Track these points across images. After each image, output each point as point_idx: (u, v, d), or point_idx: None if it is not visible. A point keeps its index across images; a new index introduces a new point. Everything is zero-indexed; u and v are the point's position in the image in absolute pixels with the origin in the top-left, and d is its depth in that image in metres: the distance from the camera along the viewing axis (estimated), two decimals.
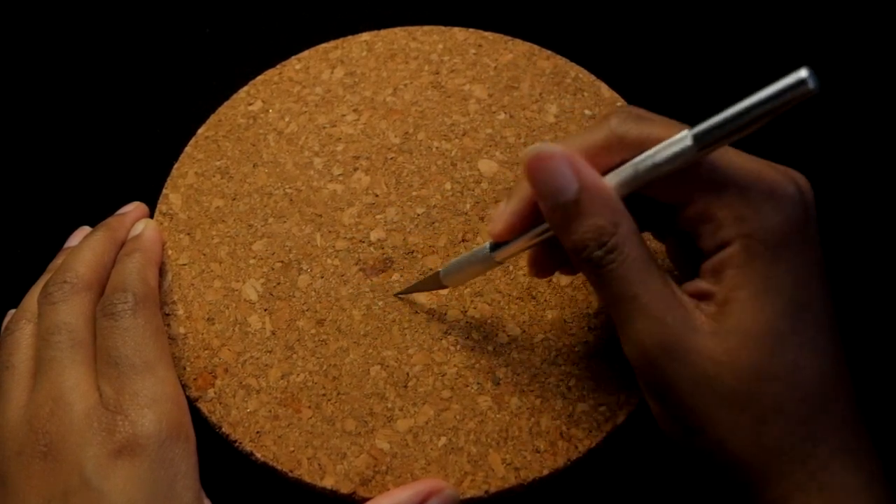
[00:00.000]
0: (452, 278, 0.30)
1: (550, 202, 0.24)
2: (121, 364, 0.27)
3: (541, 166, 0.24)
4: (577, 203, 0.24)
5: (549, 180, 0.24)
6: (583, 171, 0.24)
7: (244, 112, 0.37)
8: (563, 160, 0.24)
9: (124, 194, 0.35)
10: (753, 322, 0.23)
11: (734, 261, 0.23)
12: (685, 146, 0.22)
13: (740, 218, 0.23)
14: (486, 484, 0.28)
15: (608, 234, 0.23)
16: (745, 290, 0.23)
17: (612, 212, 0.24)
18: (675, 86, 0.40)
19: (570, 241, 0.24)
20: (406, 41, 0.39)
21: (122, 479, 0.25)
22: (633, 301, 0.24)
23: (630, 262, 0.23)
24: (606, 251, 0.24)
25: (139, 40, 0.43)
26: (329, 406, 0.30)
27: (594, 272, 0.24)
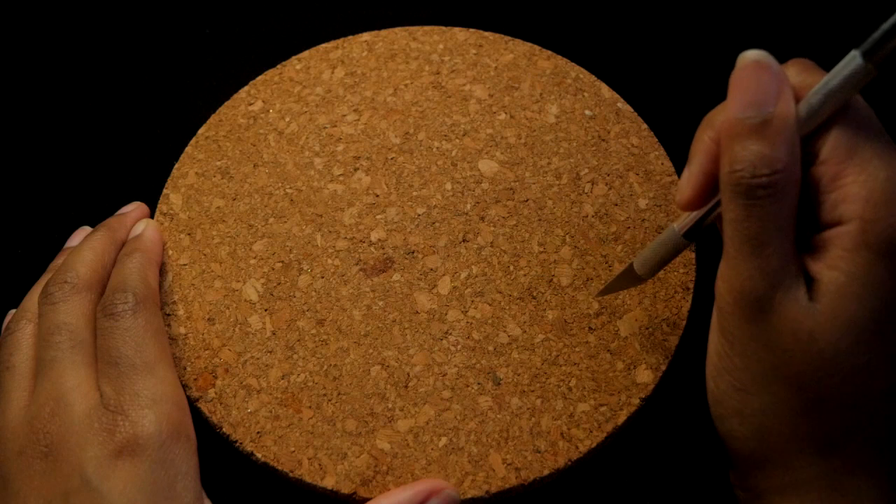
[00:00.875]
0: (647, 267, 0.28)
1: (742, 112, 0.22)
2: (121, 364, 0.27)
3: (753, 74, 0.22)
4: (763, 125, 0.22)
5: (754, 90, 0.22)
6: (786, 98, 0.22)
7: (245, 112, 0.37)
8: (777, 79, 0.22)
9: (124, 194, 0.35)
10: (842, 312, 0.22)
11: (845, 242, 0.22)
12: (856, 64, 0.21)
13: (869, 200, 0.21)
14: (487, 484, 0.28)
15: (771, 169, 0.22)
16: (846, 276, 0.22)
17: (788, 151, 0.22)
18: (675, 86, 0.40)
19: (733, 156, 0.22)
20: (406, 41, 0.39)
21: (123, 480, 0.25)
22: (760, 246, 0.22)
23: (777, 208, 0.22)
24: (761, 184, 0.22)
25: (139, 40, 0.43)
26: (330, 406, 0.30)
27: (737, 199, 0.22)
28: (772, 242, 0.22)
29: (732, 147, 0.23)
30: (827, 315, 0.22)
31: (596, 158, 0.35)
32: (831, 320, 0.22)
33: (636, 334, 0.30)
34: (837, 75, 0.22)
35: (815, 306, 0.22)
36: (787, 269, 0.22)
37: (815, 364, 0.22)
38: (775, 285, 0.22)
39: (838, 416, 0.23)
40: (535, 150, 0.35)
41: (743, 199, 0.22)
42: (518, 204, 0.34)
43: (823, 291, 0.22)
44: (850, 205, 0.22)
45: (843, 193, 0.22)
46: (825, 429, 0.23)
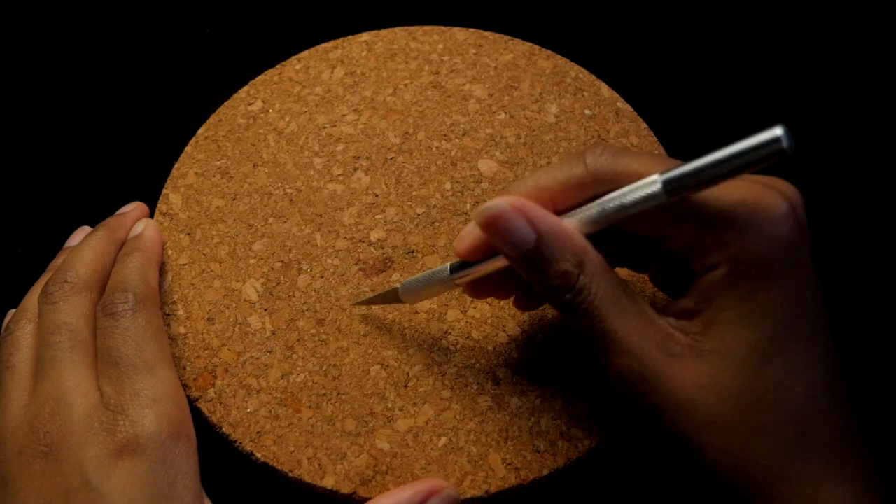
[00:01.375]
0: (410, 295, 0.29)
1: (512, 256, 0.24)
2: (121, 364, 0.27)
3: (495, 225, 0.23)
4: (538, 251, 0.23)
5: (506, 236, 0.23)
6: (537, 218, 0.23)
7: (244, 112, 0.37)
8: (515, 213, 0.23)
9: (124, 194, 0.35)
10: (737, 343, 0.23)
11: (721, 282, 0.23)
12: (654, 191, 0.22)
13: (725, 243, 0.22)
14: (487, 484, 0.28)
15: (574, 277, 0.23)
16: (732, 311, 0.23)
17: (574, 253, 0.23)
18: (674, 86, 0.40)
19: (541, 288, 0.24)
20: (406, 41, 0.39)
21: (123, 480, 0.25)
22: (607, 337, 0.24)
23: (599, 299, 0.23)
24: (575, 293, 0.23)
25: (139, 40, 0.43)
26: (329, 406, 0.30)
27: (567, 314, 0.24)
28: (616, 328, 0.23)
29: (534, 282, 0.24)
30: (722, 352, 0.23)
31: None
32: (728, 355, 0.23)
33: None
34: (633, 193, 0.23)
35: (704, 349, 0.23)
36: (648, 337, 0.23)
37: (730, 401, 0.23)
38: (647, 357, 0.23)
39: (779, 439, 0.23)
40: (535, 150, 0.35)
41: (570, 312, 0.24)
42: None
43: (716, 332, 0.23)
44: (713, 254, 0.23)
45: (703, 248, 0.23)
46: (773, 456, 0.23)
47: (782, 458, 0.23)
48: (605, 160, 0.24)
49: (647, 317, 0.24)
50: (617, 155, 0.24)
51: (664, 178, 0.22)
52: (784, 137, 0.20)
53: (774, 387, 0.23)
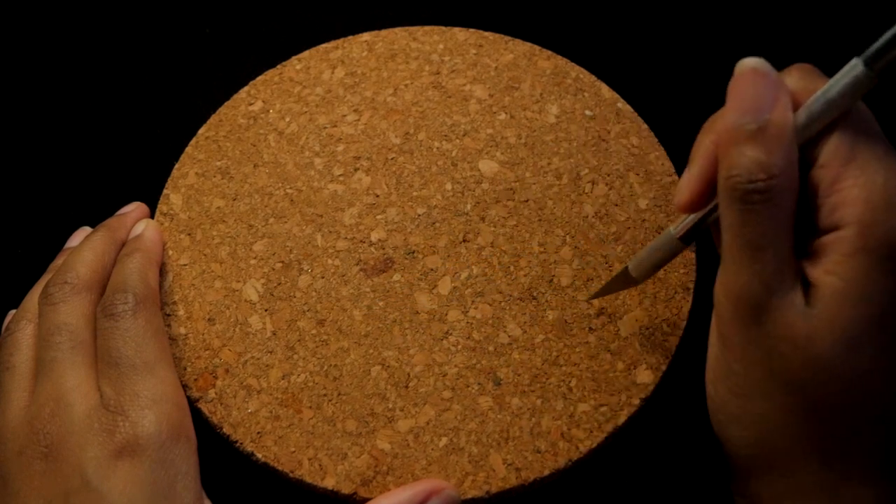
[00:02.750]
0: (642, 269, 0.28)
1: (738, 118, 0.22)
2: (121, 364, 0.27)
3: (750, 81, 0.23)
4: (759, 131, 0.22)
5: (751, 97, 0.22)
6: (782, 105, 0.22)
7: (245, 112, 0.37)
8: (774, 87, 0.22)
9: (125, 194, 0.35)
10: (842, 318, 0.22)
11: (842, 246, 0.22)
12: (857, 72, 0.21)
13: (868, 203, 0.21)
14: (487, 484, 0.28)
15: (767, 174, 0.22)
16: (843, 282, 0.22)
17: (784, 157, 0.22)
18: (674, 86, 0.40)
19: (729, 162, 0.23)
20: (406, 41, 0.39)
21: (123, 480, 0.25)
22: (756, 251, 0.22)
23: (774, 213, 0.22)
24: (757, 190, 0.22)
25: (139, 40, 0.43)
26: (330, 406, 0.30)
27: (734, 205, 0.23)
28: (769, 248, 0.22)
29: (729, 153, 0.23)
30: (824, 320, 0.22)
31: (596, 158, 0.35)
32: (828, 325, 0.22)
33: (636, 334, 0.30)
34: (838, 83, 0.22)
35: (811, 311, 0.22)
36: (784, 274, 0.22)
37: (813, 369, 0.22)
38: (772, 290, 0.22)
39: (838, 423, 0.23)
40: (536, 151, 0.35)
41: (739, 204, 0.22)
42: (518, 204, 0.34)
43: (821, 297, 0.22)
44: (849, 209, 0.22)
45: (842, 197, 0.22)
46: (825, 435, 0.23)
47: (829, 440, 0.23)
48: (806, 82, 0.23)
49: (792, 256, 0.23)
50: (817, 77, 0.23)
51: (864, 56, 0.21)
52: None
53: (858, 375, 0.22)
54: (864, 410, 0.22)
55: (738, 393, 0.24)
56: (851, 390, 0.22)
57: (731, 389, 0.24)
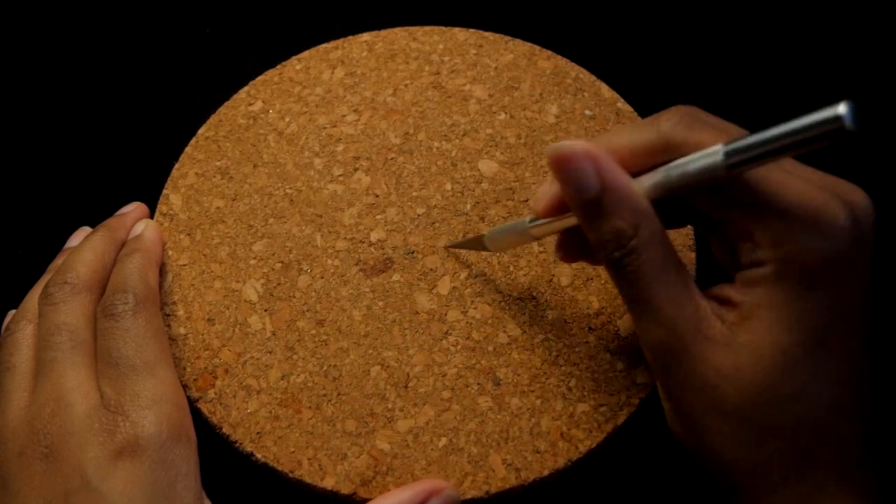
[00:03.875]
0: (494, 242, 0.31)
1: (573, 199, 0.24)
2: (121, 365, 0.27)
3: (564, 163, 0.23)
4: (598, 203, 0.23)
5: (572, 178, 0.23)
6: (606, 171, 0.23)
7: (244, 112, 0.37)
8: (587, 159, 0.23)
9: (124, 194, 0.35)
10: (768, 342, 0.22)
11: (765, 280, 0.23)
12: (715, 161, 0.22)
13: (777, 242, 0.22)
14: (487, 484, 0.28)
15: (627, 238, 0.23)
16: (769, 310, 0.22)
17: (634, 214, 0.23)
18: (675, 86, 0.40)
19: (592, 238, 0.24)
20: (406, 41, 0.39)
21: (123, 480, 0.25)
22: (646, 303, 0.24)
23: (647, 265, 0.23)
24: (624, 253, 0.23)
25: (139, 40, 0.43)
26: (329, 406, 0.30)
27: (613, 271, 0.24)
28: (655, 296, 0.23)
29: (587, 230, 0.24)
30: (751, 348, 0.23)
31: None
32: (756, 352, 0.23)
33: (636, 334, 0.30)
34: (697, 162, 0.22)
35: (736, 339, 0.23)
36: (684, 314, 0.23)
37: (748, 395, 0.23)
38: (678, 333, 0.23)
39: (790, 442, 0.23)
40: (536, 151, 0.35)
41: (616, 270, 0.24)
42: (518, 204, 0.34)
43: (750, 326, 0.23)
44: (763, 250, 0.23)
45: (754, 243, 0.23)
46: (781, 455, 0.23)
47: (790, 460, 0.23)
48: (679, 129, 0.23)
49: (689, 294, 0.24)
50: (691, 125, 0.23)
51: (726, 149, 0.22)
52: (846, 116, 0.19)
53: (795, 393, 0.22)
54: (812, 426, 0.23)
55: (692, 431, 0.24)
56: (792, 410, 0.23)
57: (684, 429, 0.25)
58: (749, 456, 0.23)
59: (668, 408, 0.26)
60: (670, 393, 0.25)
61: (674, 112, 0.24)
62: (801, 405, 0.23)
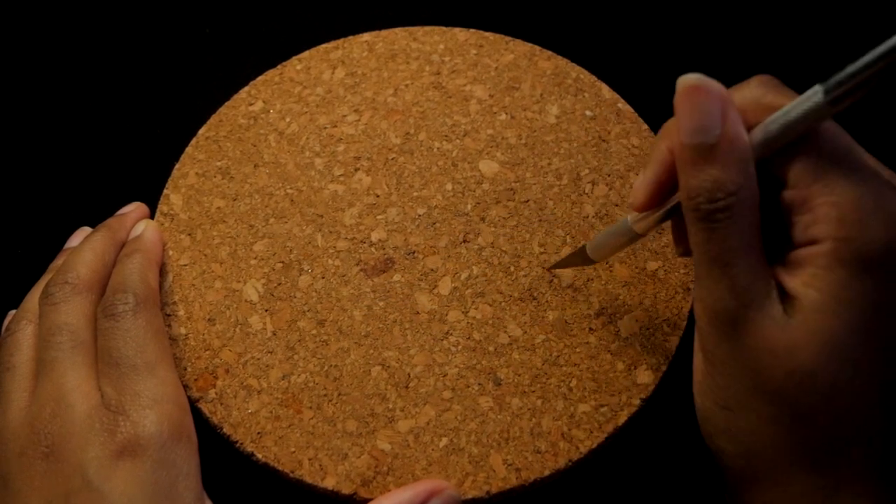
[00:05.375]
0: (599, 252, 0.30)
1: (688, 138, 0.23)
2: (122, 365, 0.27)
3: (693, 98, 0.23)
4: (712, 148, 0.22)
5: (696, 115, 0.22)
6: (731, 119, 0.22)
7: (245, 112, 0.37)
8: (718, 100, 0.22)
9: (125, 194, 0.35)
10: (821, 328, 0.22)
11: (819, 260, 0.22)
12: (817, 101, 0.21)
13: (840, 219, 0.22)
14: (488, 485, 0.28)
15: (726, 192, 0.22)
16: (822, 293, 0.22)
17: (741, 172, 0.22)
18: (674, 86, 0.40)
19: (689, 184, 0.23)
20: (407, 41, 0.39)
21: (124, 480, 0.25)
22: (725, 266, 0.23)
23: (738, 227, 0.22)
24: (719, 208, 0.22)
25: (139, 40, 0.43)
26: (330, 407, 0.30)
27: (700, 223, 0.23)
28: (737, 262, 0.23)
29: (686, 174, 0.23)
30: (804, 331, 0.22)
31: (596, 159, 0.35)
32: (808, 336, 0.22)
33: (637, 335, 0.30)
34: (797, 108, 0.22)
35: (790, 322, 0.22)
36: (756, 286, 0.23)
37: (795, 380, 0.22)
38: (746, 303, 0.23)
39: (825, 432, 0.23)
40: (536, 151, 0.35)
41: (703, 223, 0.23)
42: (518, 204, 0.34)
43: (800, 308, 0.22)
44: (823, 226, 0.22)
45: (815, 216, 0.22)
46: (812, 445, 0.23)
47: (817, 451, 0.23)
48: (768, 91, 0.23)
49: (765, 268, 0.23)
50: (776, 88, 0.23)
51: (826, 85, 0.21)
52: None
53: (840, 384, 0.22)
54: (849, 419, 0.23)
55: (724, 405, 0.24)
56: (835, 399, 0.22)
57: (717, 402, 0.24)
58: (780, 440, 0.23)
59: (703, 379, 0.25)
60: (714, 363, 0.24)
61: (758, 79, 0.24)
62: (844, 397, 0.22)
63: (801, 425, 0.23)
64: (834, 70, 0.22)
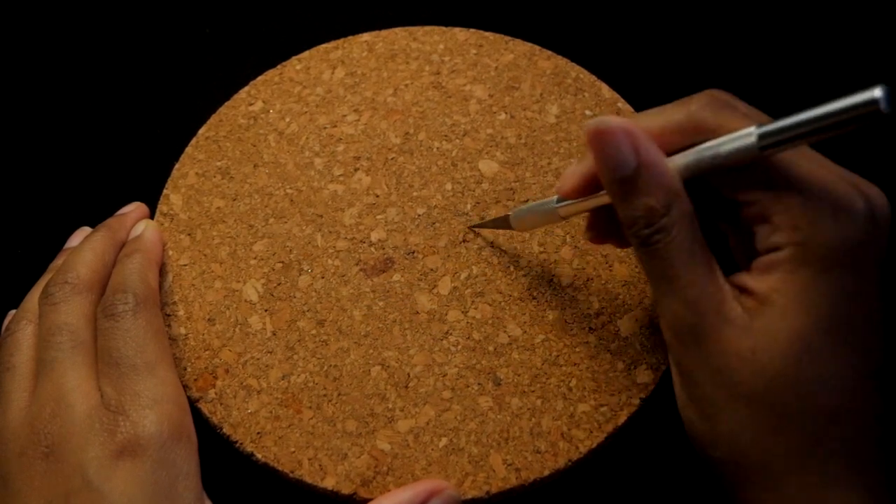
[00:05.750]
0: (520, 222, 0.31)
1: (608, 175, 0.24)
2: (122, 365, 0.27)
3: (601, 138, 0.24)
4: (633, 179, 0.23)
5: (609, 153, 0.24)
6: (643, 148, 0.23)
7: (245, 112, 0.37)
8: (624, 136, 0.23)
9: (125, 195, 0.35)
10: (785, 327, 0.22)
11: (782, 266, 0.23)
12: (748, 143, 0.22)
13: (796, 227, 0.22)
14: (487, 485, 0.28)
15: (658, 215, 0.23)
16: (786, 295, 0.23)
17: (666, 193, 0.23)
18: (675, 86, 0.40)
19: (623, 214, 0.24)
20: (407, 41, 0.39)
21: (124, 480, 0.25)
22: (672, 281, 0.24)
23: (676, 244, 0.23)
24: (654, 231, 0.24)
25: (139, 40, 0.43)
26: (330, 407, 0.30)
27: (641, 248, 0.24)
28: (681, 275, 0.24)
29: (618, 207, 0.24)
30: (768, 332, 0.23)
31: None
32: (773, 336, 0.23)
33: (636, 334, 0.30)
34: (729, 144, 0.23)
35: (753, 325, 0.23)
36: (707, 294, 0.23)
37: (764, 380, 0.23)
38: (702, 312, 0.23)
39: (804, 430, 0.23)
40: (536, 151, 0.35)
41: (643, 246, 0.24)
42: (518, 204, 0.34)
43: (766, 311, 0.23)
44: (780, 234, 0.23)
45: (772, 226, 0.23)
46: (795, 443, 0.23)
47: (801, 447, 0.23)
48: (708, 113, 0.24)
49: (713, 276, 0.24)
50: (721, 109, 0.24)
51: (759, 132, 0.22)
52: (882, 100, 0.19)
53: (810, 379, 0.22)
54: (827, 414, 0.23)
55: (705, 415, 0.24)
56: (808, 396, 0.23)
57: (698, 413, 0.25)
58: (761, 443, 0.23)
59: (681, 392, 0.25)
60: (686, 374, 0.25)
61: (704, 95, 0.24)
62: (816, 392, 0.22)
63: (780, 425, 0.23)
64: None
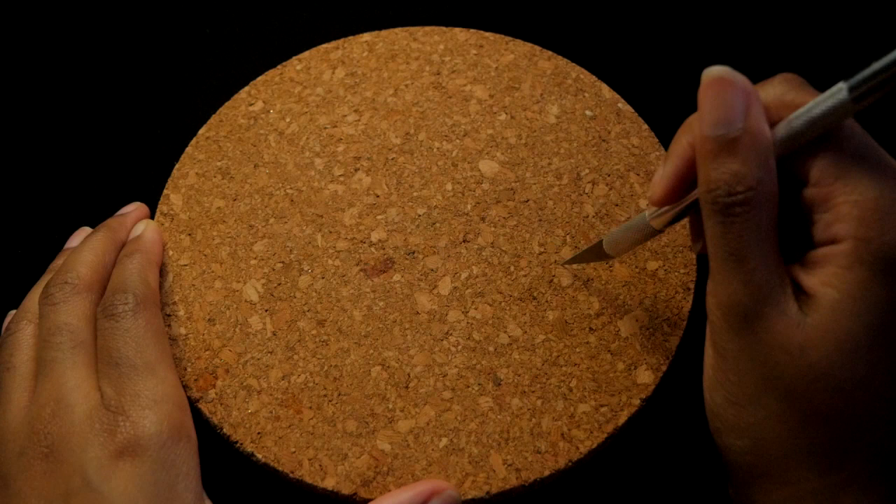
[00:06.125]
0: (615, 247, 0.29)
1: (710, 129, 0.22)
2: (122, 365, 0.27)
3: (718, 91, 0.23)
4: (734, 142, 0.22)
5: (720, 107, 0.22)
6: (755, 113, 0.22)
7: (245, 112, 0.37)
8: (742, 94, 0.22)
9: (125, 195, 0.35)
10: (836, 327, 0.22)
11: (839, 260, 0.22)
12: (841, 98, 0.21)
13: (862, 219, 0.22)
14: (488, 485, 0.28)
15: (745, 186, 0.22)
16: (840, 293, 0.22)
17: (761, 166, 0.22)
18: (675, 86, 0.40)
19: (708, 176, 0.23)
20: (407, 42, 0.39)
21: (124, 481, 0.25)
22: (741, 260, 0.22)
23: (755, 222, 0.22)
24: (737, 201, 0.22)
25: (140, 40, 0.43)
26: (330, 407, 0.30)
27: (717, 217, 0.23)
28: (753, 256, 0.22)
29: (706, 166, 0.23)
30: (819, 329, 0.22)
31: (597, 159, 0.35)
32: (823, 335, 0.22)
33: (637, 335, 0.30)
34: (821, 104, 0.22)
35: (805, 320, 0.22)
36: (771, 282, 0.23)
37: (807, 378, 0.22)
38: (761, 298, 0.23)
39: (835, 431, 0.23)
40: (536, 151, 0.35)
41: (721, 216, 0.23)
42: (518, 204, 0.34)
43: (817, 307, 0.22)
44: (843, 225, 0.22)
45: (835, 214, 0.22)
46: (822, 443, 0.23)
47: (827, 451, 0.23)
48: (792, 91, 0.23)
49: (781, 266, 0.23)
50: (801, 87, 0.23)
51: (850, 83, 0.21)
52: None
53: (854, 383, 0.22)
54: (860, 418, 0.22)
55: (734, 401, 0.24)
56: (846, 399, 0.22)
57: (727, 398, 0.24)
58: (788, 438, 0.23)
59: (713, 373, 0.25)
60: (724, 357, 0.24)
61: (782, 77, 0.24)
62: (857, 395, 0.22)
63: (812, 424, 0.23)
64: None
